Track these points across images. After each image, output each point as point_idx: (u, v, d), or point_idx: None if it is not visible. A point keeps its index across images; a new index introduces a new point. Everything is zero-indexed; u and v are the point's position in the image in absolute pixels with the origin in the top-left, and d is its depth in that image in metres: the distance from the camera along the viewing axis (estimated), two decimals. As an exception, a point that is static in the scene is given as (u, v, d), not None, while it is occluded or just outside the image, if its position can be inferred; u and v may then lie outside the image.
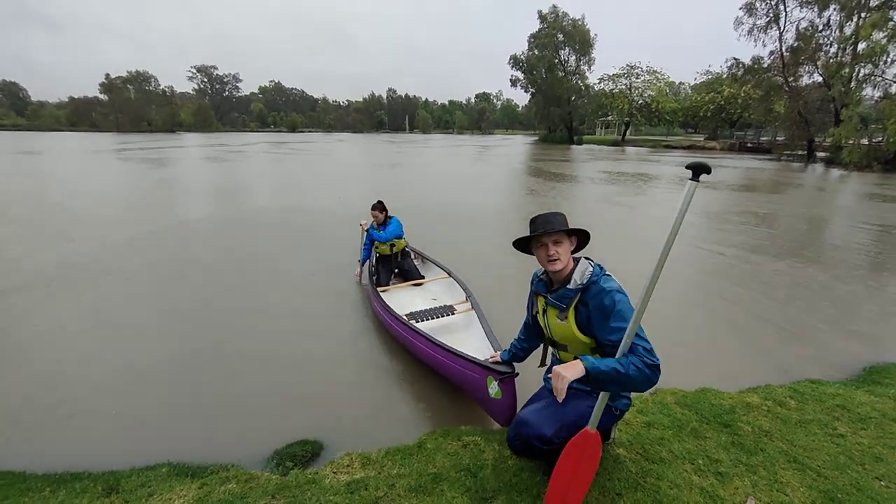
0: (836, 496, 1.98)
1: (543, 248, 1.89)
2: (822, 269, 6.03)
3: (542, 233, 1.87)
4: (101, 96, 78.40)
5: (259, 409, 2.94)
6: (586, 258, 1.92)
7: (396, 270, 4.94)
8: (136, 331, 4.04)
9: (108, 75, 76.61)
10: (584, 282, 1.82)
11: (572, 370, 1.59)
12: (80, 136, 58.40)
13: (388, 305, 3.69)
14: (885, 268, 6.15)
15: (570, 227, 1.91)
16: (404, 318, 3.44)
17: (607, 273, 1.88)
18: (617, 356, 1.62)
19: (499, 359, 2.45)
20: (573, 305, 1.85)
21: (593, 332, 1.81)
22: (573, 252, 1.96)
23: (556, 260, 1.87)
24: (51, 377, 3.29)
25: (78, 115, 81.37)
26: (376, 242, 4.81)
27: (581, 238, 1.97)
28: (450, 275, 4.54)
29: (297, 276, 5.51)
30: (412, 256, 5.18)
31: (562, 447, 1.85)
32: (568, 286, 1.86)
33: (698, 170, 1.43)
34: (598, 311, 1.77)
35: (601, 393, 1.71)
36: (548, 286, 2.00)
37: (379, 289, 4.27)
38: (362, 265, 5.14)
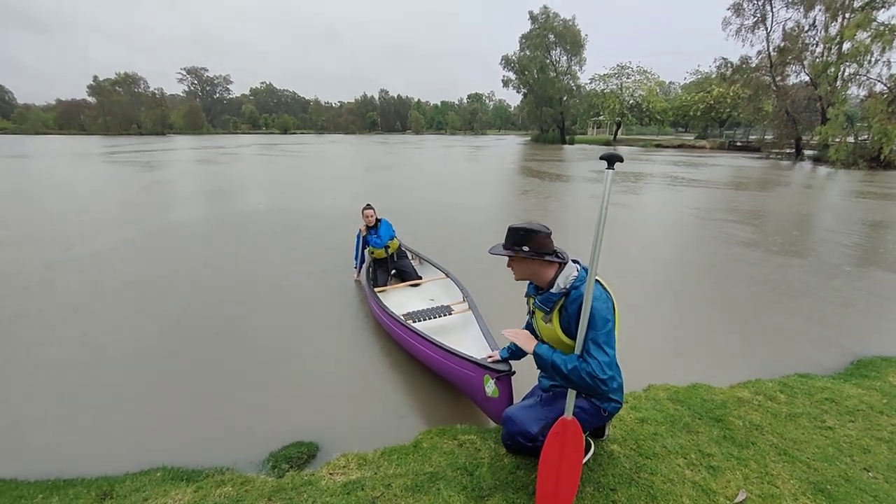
0: (825, 488, 2.02)
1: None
2: (809, 264, 6.13)
3: (491, 252, 2.04)
4: (90, 99, 77.27)
5: (254, 411, 2.93)
6: (574, 261, 1.94)
7: (394, 271, 4.94)
8: (127, 334, 4.00)
9: (96, 77, 75.67)
10: (567, 286, 1.85)
11: (526, 341, 1.98)
12: (68, 139, 57.61)
13: (385, 306, 3.69)
14: (871, 263, 6.27)
15: (520, 247, 1.90)
16: (401, 318, 3.45)
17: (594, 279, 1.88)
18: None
19: (497, 357, 2.46)
20: (557, 309, 1.89)
21: (574, 335, 1.84)
22: (549, 257, 1.91)
23: (513, 272, 2.02)
24: (41, 382, 3.25)
25: (66, 118, 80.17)
26: (372, 248, 4.82)
27: (537, 250, 1.91)
28: (447, 275, 4.55)
29: (292, 277, 5.48)
30: (409, 257, 5.19)
31: None
32: (552, 290, 1.90)
33: (612, 159, 1.61)
34: (576, 316, 1.81)
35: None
36: (537, 289, 2.03)
37: (376, 289, 4.27)
38: (358, 270, 5.14)
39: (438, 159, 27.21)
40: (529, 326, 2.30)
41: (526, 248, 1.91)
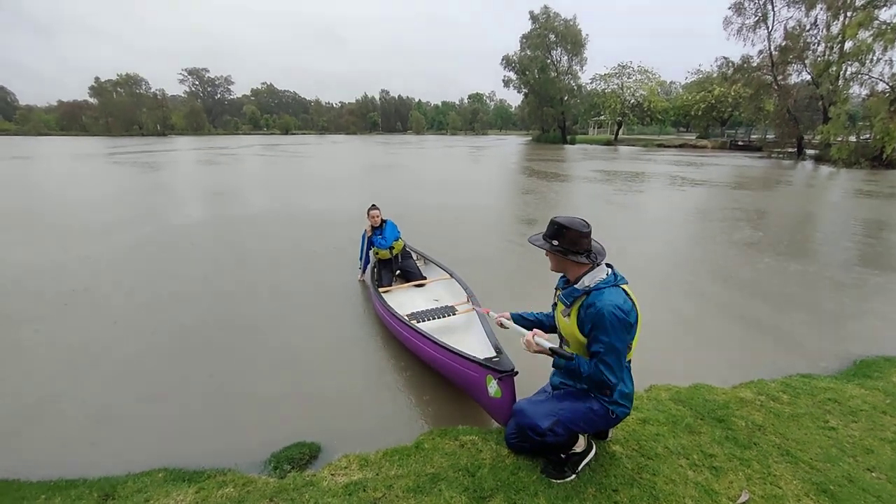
0: (828, 488, 2.01)
1: None
2: (811, 264, 6.11)
3: (530, 240, 2.10)
4: (91, 100, 77.49)
5: (256, 411, 2.93)
6: (608, 265, 1.95)
7: (398, 272, 4.95)
8: (128, 335, 4.00)
9: (97, 78, 75.78)
10: (591, 286, 1.87)
11: (543, 338, 2.01)
12: (70, 140, 57.77)
13: (389, 306, 3.70)
14: (874, 262, 6.25)
15: (551, 240, 1.96)
16: (405, 318, 3.45)
17: (618, 285, 1.88)
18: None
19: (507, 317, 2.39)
20: (577, 306, 1.90)
21: (587, 333, 1.87)
22: (574, 256, 1.92)
23: (550, 262, 2.06)
24: (43, 384, 3.26)
25: (67, 119, 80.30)
26: (377, 249, 4.82)
27: (566, 247, 1.93)
28: (451, 275, 4.55)
29: (296, 277, 5.49)
30: (414, 257, 5.19)
31: (553, 443, 1.95)
32: (576, 286, 1.92)
33: None
34: (589, 319, 1.84)
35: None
36: (566, 283, 2.05)
37: (381, 289, 4.27)
38: (363, 271, 5.15)
39: (440, 159, 27.23)
40: (551, 317, 2.31)
41: (555, 243, 1.94)
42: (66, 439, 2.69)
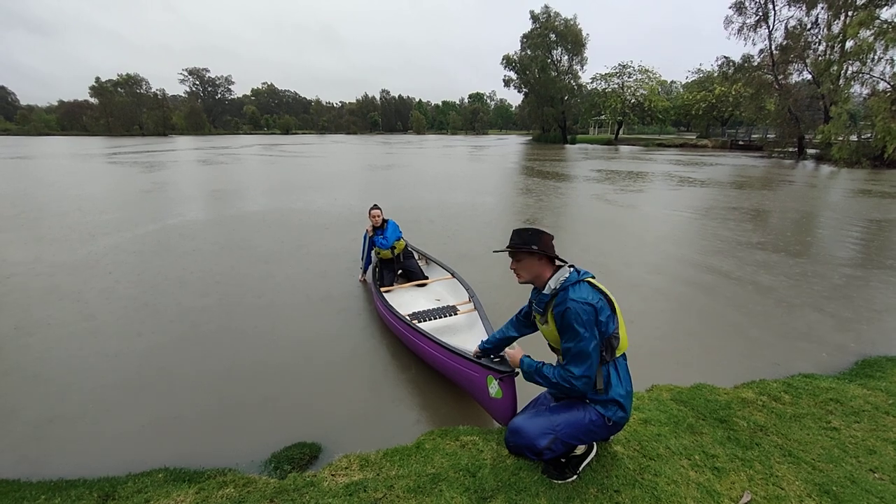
0: (830, 489, 2.00)
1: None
2: (812, 263, 6.09)
3: (499, 250, 2.12)
4: (92, 100, 77.62)
5: (256, 411, 2.93)
6: (570, 266, 1.96)
7: (400, 271, 4.94)
8: (129, 335, 4.00)
9: (98, 79, 75.96)
10: (557, 287, 1.88)
11: (513, 357, 2.17)
12: (71, 140, 57.83)
13: (390, 305, 3.70)
14: (876, 262, 6.23)
15: (530, 246, 1.96)
16: (406, 317, 3.45)
17: (584, 280, 1.89)
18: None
19: (478, 351, 2.51)
20: (550, 309, 1.92)
21: None
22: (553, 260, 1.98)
23: (517, 275, 2.03)
24: (44, 384, 3.26)
25: (68, 120, 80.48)
26: (378, 248, 4.82)
27: (540, 249, 1.96)
28: (453, 275, 4.55)
29: (297, 277, 5.48)
30: (416, 257, 5.19)
31: (551, 458, 1.96)
32: (544, 291, 1.95)
33: None
34: (557, 318, 1.86)
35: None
36: (537, 293, 2.05)
37: (382, 289, 4.27)
38: (365, 271, 5.14)
39: (441, 159, 27.21)
40: (517, 318, 2.39)
41: (535, 247, 1.95)
42: (65, 439, 2.68)
